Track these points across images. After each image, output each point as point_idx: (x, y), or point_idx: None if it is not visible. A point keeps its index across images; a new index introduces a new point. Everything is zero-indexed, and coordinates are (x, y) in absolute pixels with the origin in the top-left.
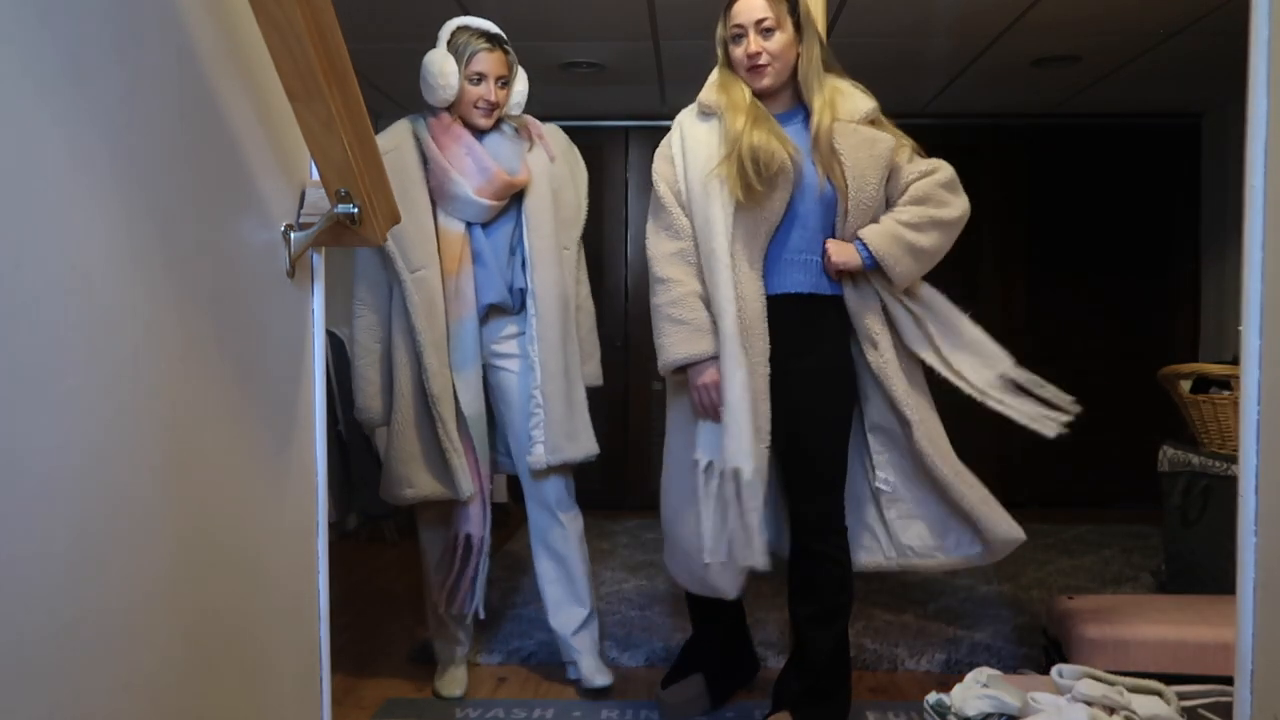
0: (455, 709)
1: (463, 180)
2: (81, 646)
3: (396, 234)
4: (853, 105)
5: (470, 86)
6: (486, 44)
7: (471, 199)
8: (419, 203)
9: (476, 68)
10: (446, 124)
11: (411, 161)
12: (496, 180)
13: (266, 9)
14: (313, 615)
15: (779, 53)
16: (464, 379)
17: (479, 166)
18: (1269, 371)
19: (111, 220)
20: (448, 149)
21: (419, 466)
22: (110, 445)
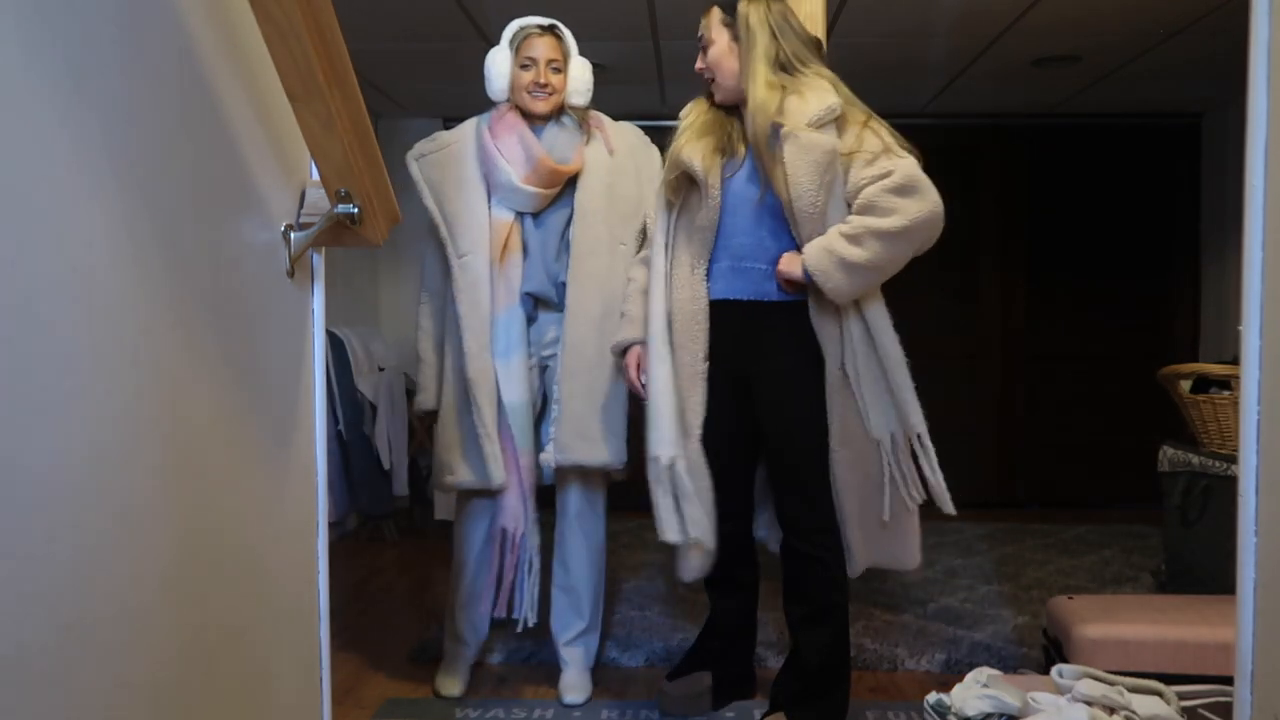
0: (455, 709)
1: (509, 168)
2: (81, 646)
3: (450, 219)
4: (805, 108)
5: (521, 72)
6: (537, 30)
7: (517, 186)
8: (473, 189)
9: (526, 53)
10: (503, 114)
11: (469, 151)
12: (542, 167)
13: (266, 9)
14: (313, 615)
15: (714, 64)
16: (507, 367)
17: (527, 154)
18: (1269, 371)
19: (111, 220)
20: (500, 137)
21: (458, 454)
22: (110, 445)
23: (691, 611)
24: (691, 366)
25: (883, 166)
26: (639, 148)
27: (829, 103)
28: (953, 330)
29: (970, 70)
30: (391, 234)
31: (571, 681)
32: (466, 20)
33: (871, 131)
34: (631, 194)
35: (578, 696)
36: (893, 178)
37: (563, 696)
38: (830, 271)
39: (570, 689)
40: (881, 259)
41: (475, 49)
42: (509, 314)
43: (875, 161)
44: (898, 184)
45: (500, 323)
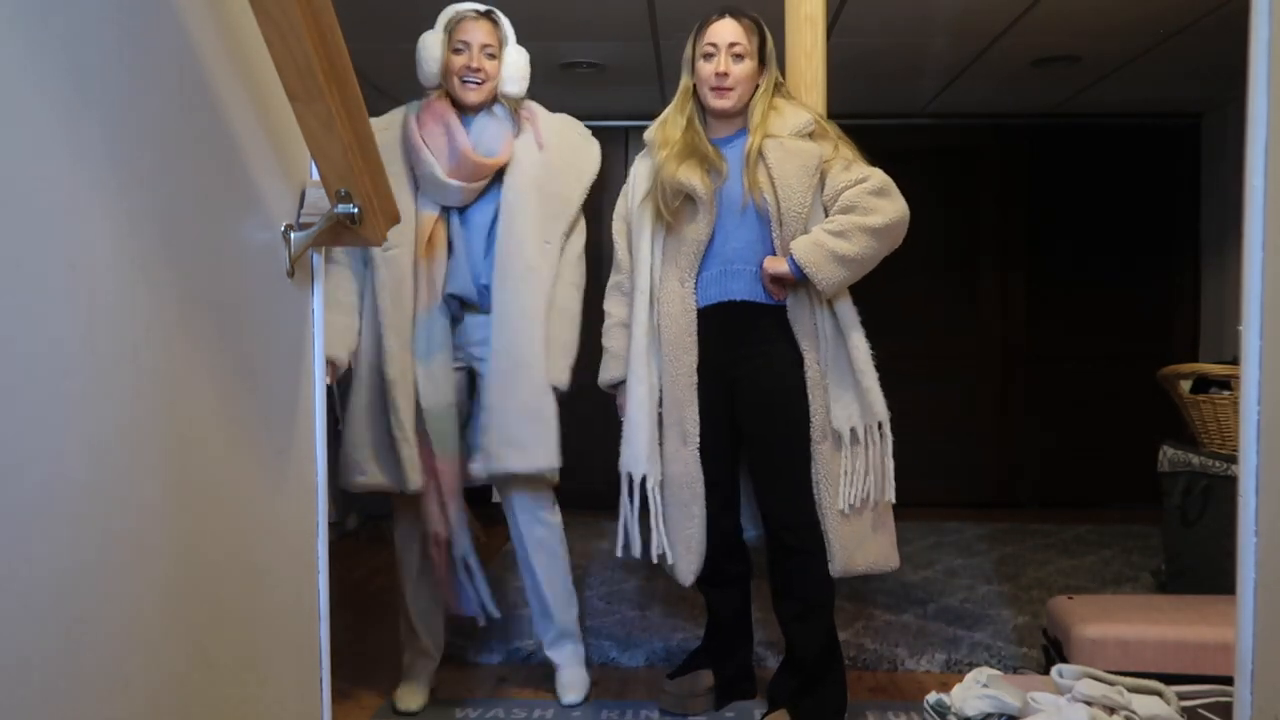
0: (455, 709)
1: (433, 160)
2: (81, 646)
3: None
4: (784, 121)
5: (453, 56)
6: (473, 14)
7: (440, 180)
8: (399, 182)
9: (460, 36)
10: (432, 103)
11: (394, 140)
12: (465, 160)
13: (266, 9)
14: (313, 615)
15: (743, 78)
16: (427, 369)
17: (451, 146)
18: (1269, 371)
19: (112, 220)
20: (426, 127)
21: (369, 454)
22: (110, 445)
23: (692, 611)
24: (687, 377)
25: (859, 172)
26: (577, 143)
27: (804, 118)
28: (953, 330)
29: (970, 70)
30: None
31: (566, 681)
32: None
33: (844, 144)
34: (562, 191)
35: (575, 695)
36: (871, 182)
37: (561, 697)
38: (821, 264)
39: (566, 689)
40: (866, 253)
41: None
42: (431, 314)
43: (850, 168)
44: (877, 187)
45: (422, 322)
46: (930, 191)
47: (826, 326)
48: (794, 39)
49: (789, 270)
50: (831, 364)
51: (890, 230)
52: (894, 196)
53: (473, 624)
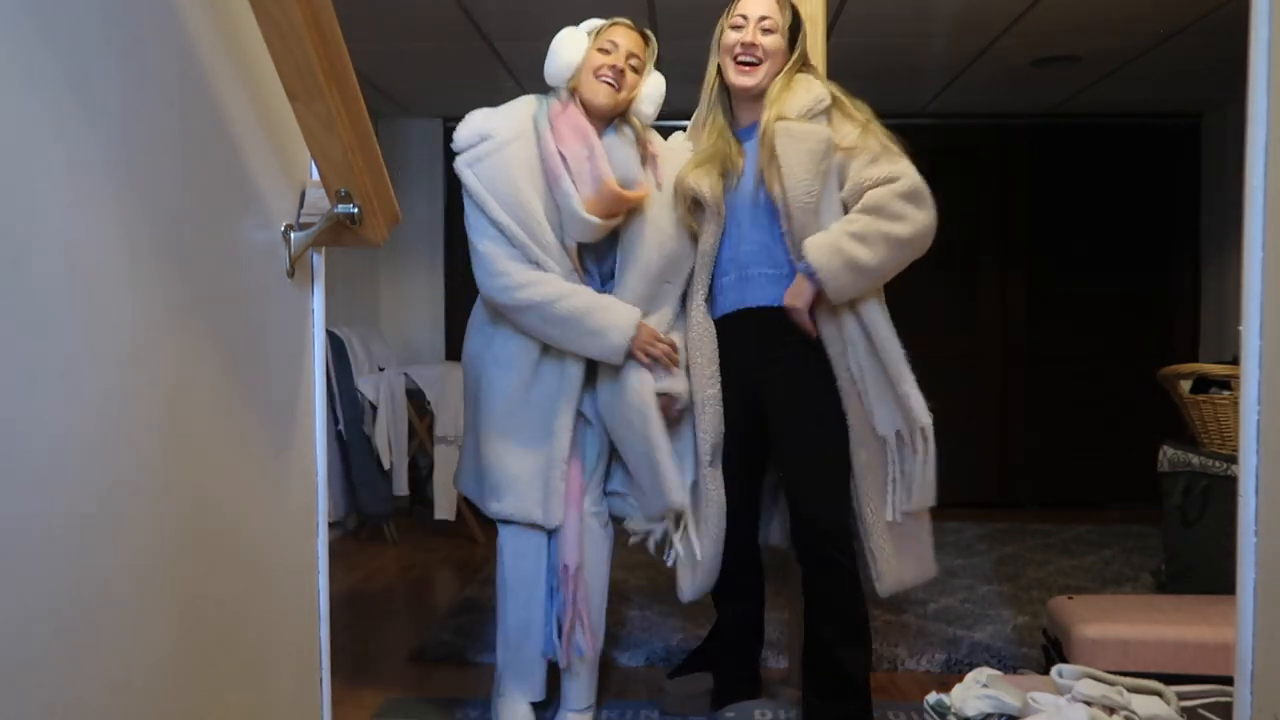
0: (455, 709)
1: (572, 191)
2: (81, 646)
3: (531, 234)
4: (796, 101)
5: (596, 53)
6: (627, 22)
7: (580, 215)
8: (540, 210)
9: (611, 36)
10: (565, 109)
11: (528, 153)
12: (607, 193)
13: (266, 9)
14: (313, 615)
15: (772, 52)
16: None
17: (593, 171)
18: (1269, 371)
19: (111, 220)
20: (565, 142)
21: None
22: (110, 444)
23: (692, 611)
24: (709, 392)
25: (887, 170)
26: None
27: (816, 93)
28: (953, 330)
29: (970, 70)
30: (391, 234)
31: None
32: (467, 20)
33: (871, 134)
34: (672, 230)
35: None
36: (902, 183)
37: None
38: (838, 271)
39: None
40: (888, 264)
41: (475, 50)
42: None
43: (878, 161)
44: (908, 190)
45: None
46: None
47: (851, 329)
48: None
49: (808, 292)
50: (866, 367)
51: (915, 242)
52: (925, 203)
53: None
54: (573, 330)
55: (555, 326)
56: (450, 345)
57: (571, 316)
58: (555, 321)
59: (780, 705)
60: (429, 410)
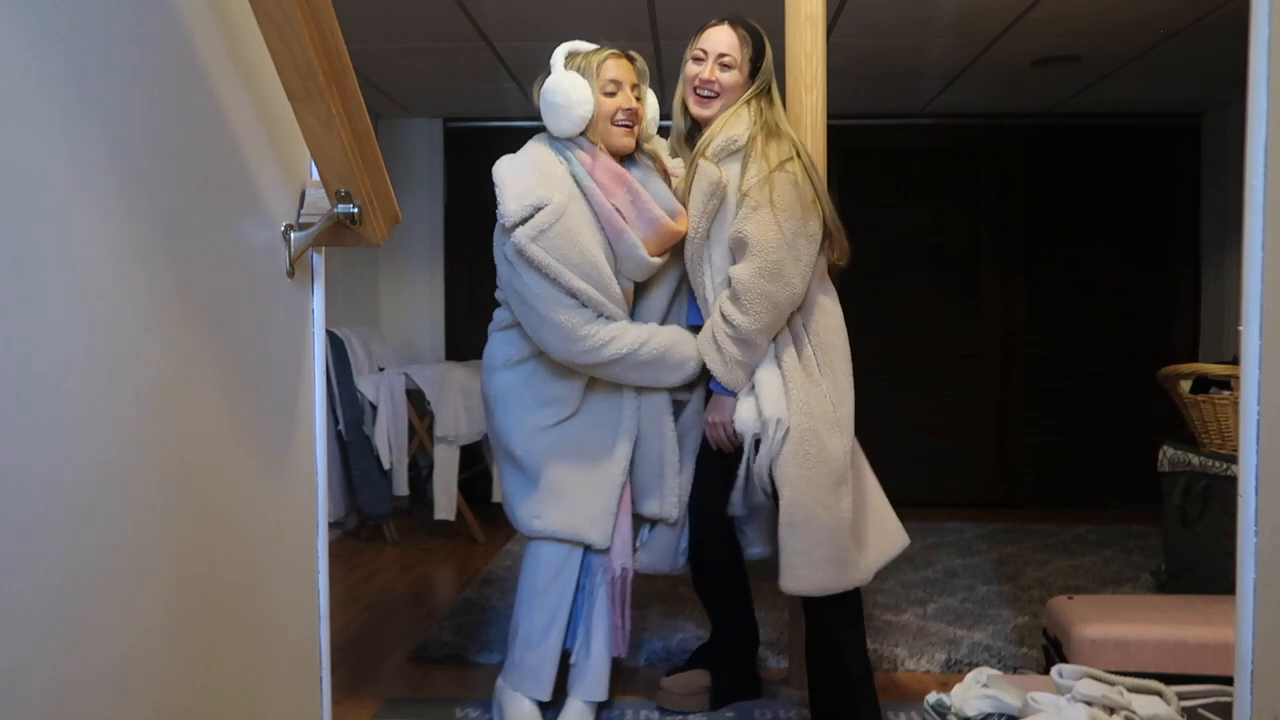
0: (455, 709)
1: (637, 242)
2: (80, 645)
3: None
4: (716, 140)
5: (605, 99)
6: (615, 52)
7: (644, 260)
8: (605, 259)
9: (609, 75)
10: (597, 158)
11: (583, 215)
12: (665, 232)
13: (266, 9)
14: (313, 615)
15: (728, 88)
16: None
17: (642, 215)
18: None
19: (112, 220)
20: (614, 194)
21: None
22: (109, 445)
23: (691, 611)
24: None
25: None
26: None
27: (732, 133)
28: (953, 330)
29: (970, 70)
30: (391, 234)
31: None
32: (467, 21)
33: (770, 183)
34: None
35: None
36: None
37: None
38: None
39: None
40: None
41: (475, 49)
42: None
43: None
44: (735, 293)
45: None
46: (930, 191)
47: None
48: (794, 39)
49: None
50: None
51: (765, 328)
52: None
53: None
54: (659, 370)
55: (639, 370)
56: (450, 345)
57: (654, 359)
58: (638, 366)
59: (780, 705)
60: (429, 410)
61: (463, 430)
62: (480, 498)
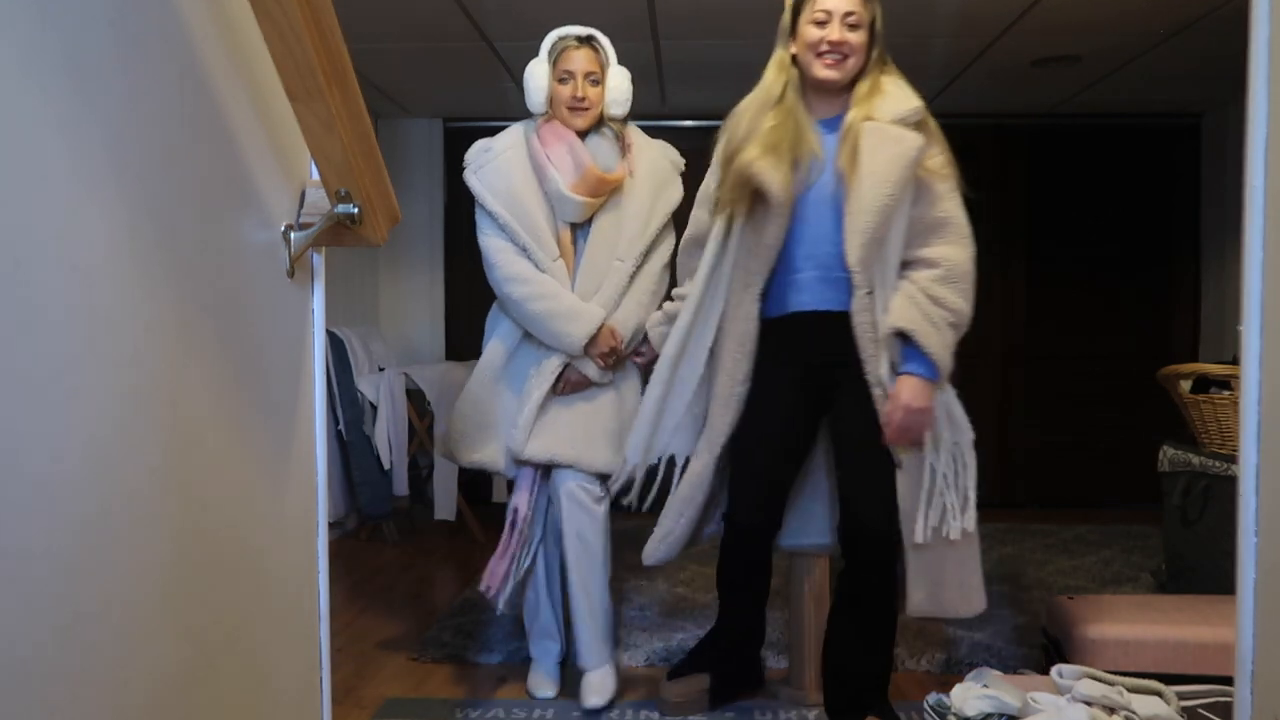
0: (455, 709)
1: (558, 177)
2: (80, 646)
3: (527, 228)
4: (889, 106)
5: (559, 86)
6: (574, 42)
7: (565, 194)
8: (535, 198)
9: (564, 66)
10: (550, 123)
11: (521, 159)
12: (590, 175)
13: (266, 9)
14: (313, 615)
15: (858, 48)
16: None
17: (575, 162)
18: (1269, 371)
19: (111, 220)
20: (549, 145)
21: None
22: (109, 445)
23: (692, 611)
24: (729, 389)
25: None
26: (665, 175)
27: (912, 102)
28: None
29: (970, 70)
30: (391, 234)
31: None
32: (467, 21)
33: (950, 164)
34: (640, 213)
35: (598, 699)
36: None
37: (583, 701)
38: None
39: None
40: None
41: (475, 49)
42: None
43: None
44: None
45: None
46: None
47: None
48: None
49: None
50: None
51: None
52: (969, 284)
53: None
54: (540, 328)
55: (528, 322)
56: (450, 345)
57: (539, 316)
58: (528, 318)
59: (780, 705)
60: (429, 410)
61: None
62: (480, 498)
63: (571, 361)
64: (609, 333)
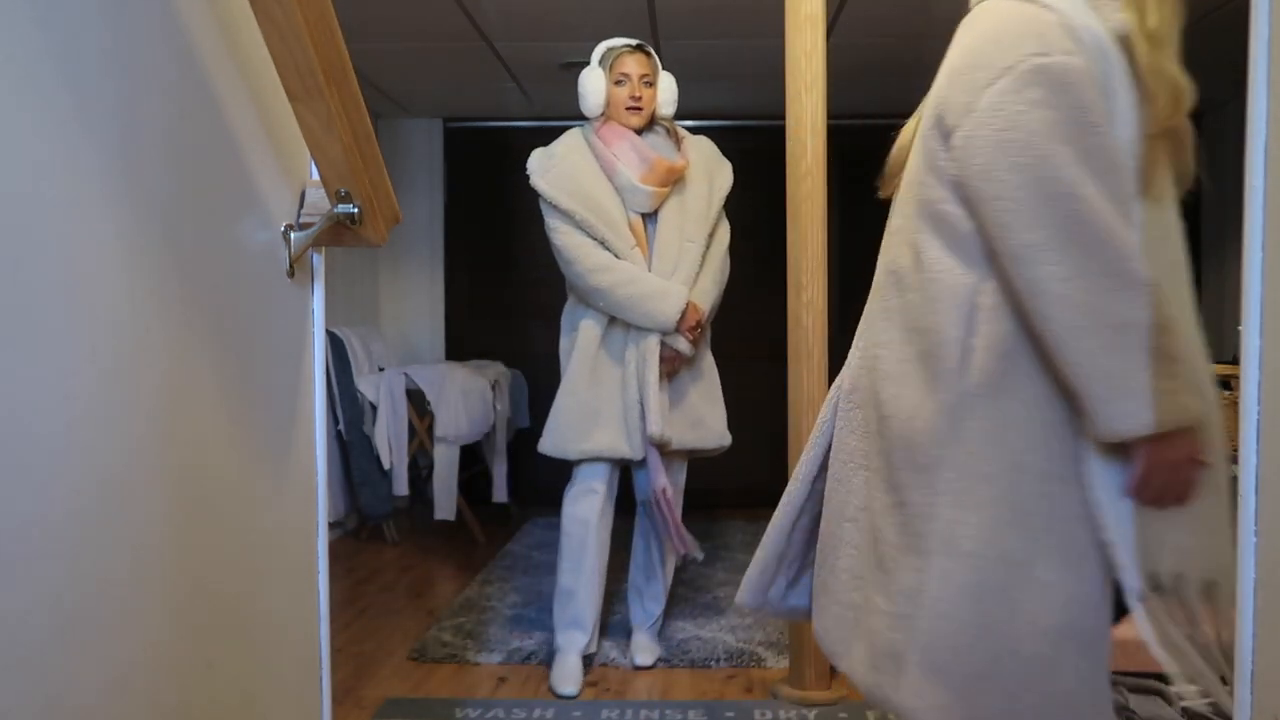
0: (455, 709)
1: (627, 170)
2: (80, 645)
3: (602, 220)
4: None
5: (616, 89)
6: (628, 48)
7: (637, 186)
8: (603, 194)
9: (620, 70)
10: (609, 124)
11: (588, 159)
12: (659, 166)
13: (266, 9)
14: (313, 615)
15: None
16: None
17: (641, 156)
18: (1269, 371)
19: (111, 220)
20: (613, 144)
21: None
22: (110, 445)
23: (691, 611)
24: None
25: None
26: (714, 157)
27: None
28: None
29: None
30: (391, 234)
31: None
32: (467, 21)
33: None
34: (701, 196)
35: (648, 658)
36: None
37: (634, 657)
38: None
39: (640, 650)
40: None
41: (475, 49)
42: None
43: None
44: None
45: None
46: None
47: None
48: (794, 39)
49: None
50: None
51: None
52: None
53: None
54: (631, 312)
55: (618, 309)
56: (450, 345)
57: (629, 301)
58: (619, 303)
59: (780, 705)
60: (429, 410)
61: (463, 430)
62: (480, 498)
63: (664, 340)
64: (694, 308)
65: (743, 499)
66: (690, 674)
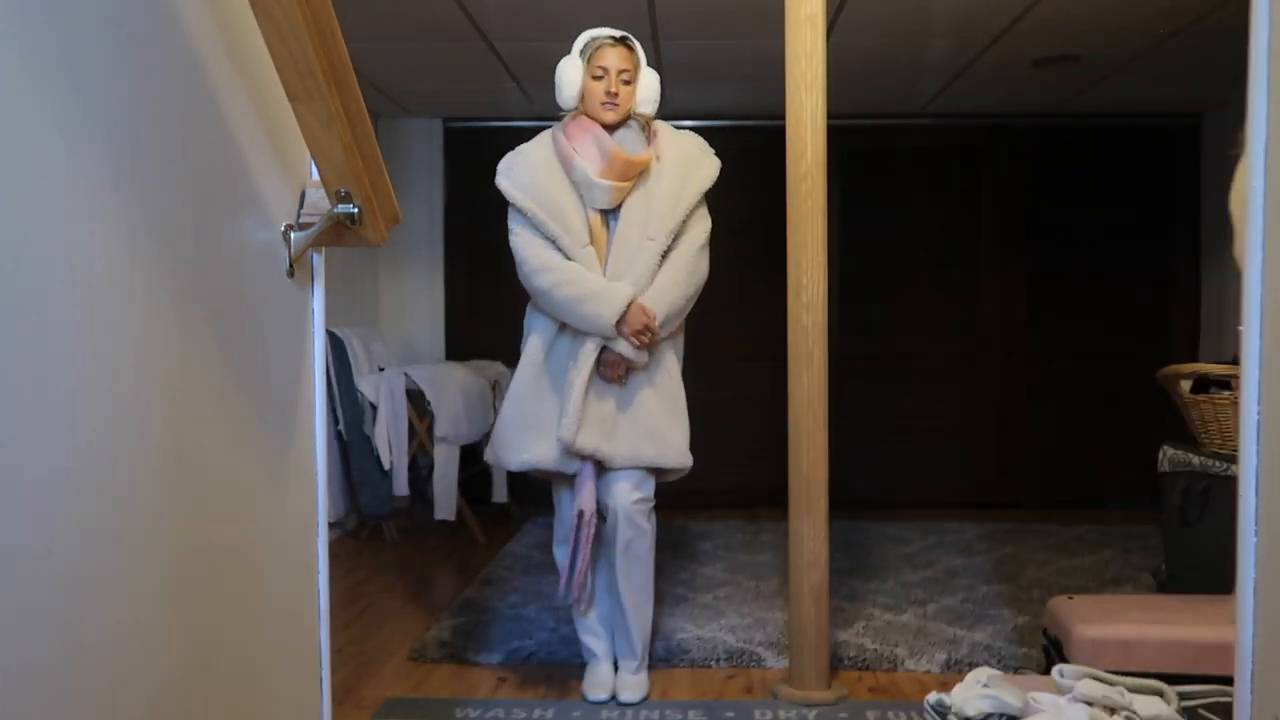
0: (455, 709)
1: (585, 165)
2: (80, 645)
3: (556, 216)
4: None
5: (593, 82)
6: (609, 41)
7: (593, 181)
8: (565, 189)
9: (598, 62)
10: (576, 117)
11: (549, 156)
12: (616, 160)
13: (266, 9)
14: (313, 615)
15: None
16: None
17: (601, 150)
18: (1269, 371)
19: (111, 220)
20: (575, 138)
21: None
22: (110, 445)
23: (691, 611)
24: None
25: None
26: (694, 155)
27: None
28: (953, 330)
29: (970, 70)
30: (391, 234)
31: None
32: (467, 21)
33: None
34: (670, 191)
35: (632, 695)
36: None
37: (619, 695)
38: None
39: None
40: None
41: (475, 49)
42: None
43: None
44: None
45: None
46: (930, 191)
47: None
48: (794, 39)
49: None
50: None
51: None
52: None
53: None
54: (570, 314)
55: (558, 310)
56: (450, 345)
57: (567, 302)
58: (558, 305)
59: (780, 705)
60: (429, 410)
61: (463, 430)
62: (480, 498)
63: (606, 343)
64: (639, 310)
65: (742, 499)
66: (690, 674)
